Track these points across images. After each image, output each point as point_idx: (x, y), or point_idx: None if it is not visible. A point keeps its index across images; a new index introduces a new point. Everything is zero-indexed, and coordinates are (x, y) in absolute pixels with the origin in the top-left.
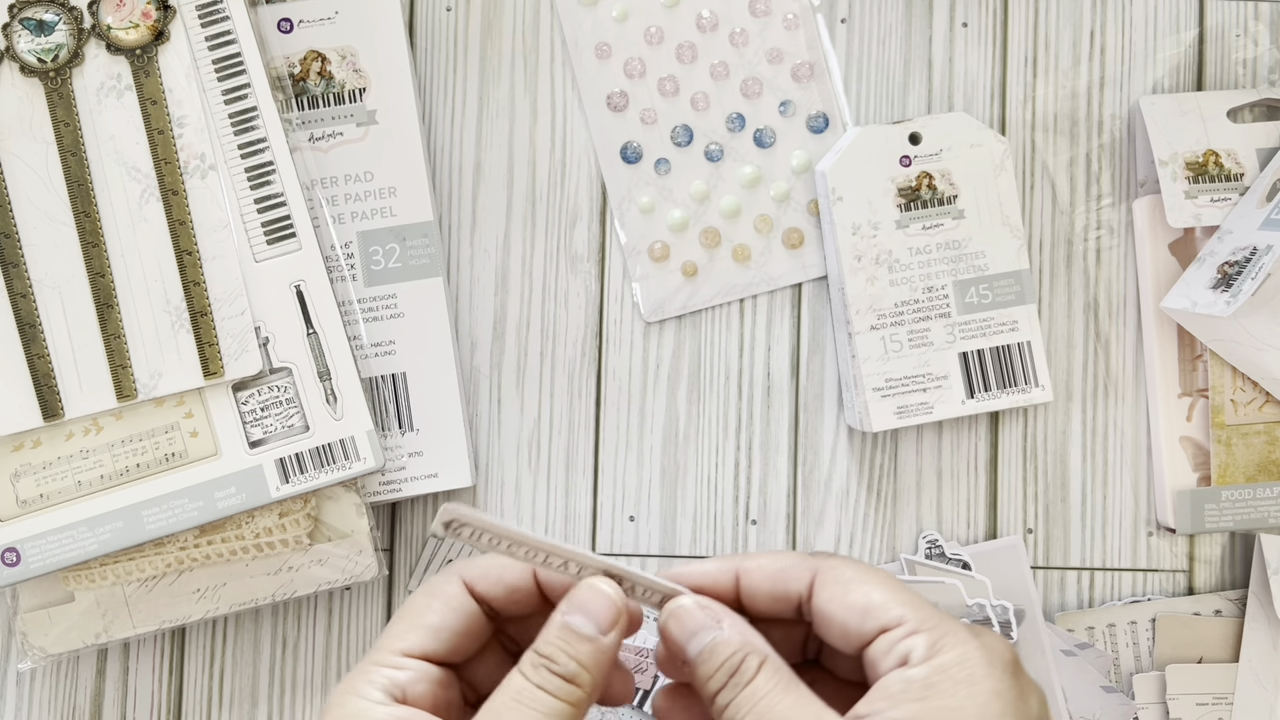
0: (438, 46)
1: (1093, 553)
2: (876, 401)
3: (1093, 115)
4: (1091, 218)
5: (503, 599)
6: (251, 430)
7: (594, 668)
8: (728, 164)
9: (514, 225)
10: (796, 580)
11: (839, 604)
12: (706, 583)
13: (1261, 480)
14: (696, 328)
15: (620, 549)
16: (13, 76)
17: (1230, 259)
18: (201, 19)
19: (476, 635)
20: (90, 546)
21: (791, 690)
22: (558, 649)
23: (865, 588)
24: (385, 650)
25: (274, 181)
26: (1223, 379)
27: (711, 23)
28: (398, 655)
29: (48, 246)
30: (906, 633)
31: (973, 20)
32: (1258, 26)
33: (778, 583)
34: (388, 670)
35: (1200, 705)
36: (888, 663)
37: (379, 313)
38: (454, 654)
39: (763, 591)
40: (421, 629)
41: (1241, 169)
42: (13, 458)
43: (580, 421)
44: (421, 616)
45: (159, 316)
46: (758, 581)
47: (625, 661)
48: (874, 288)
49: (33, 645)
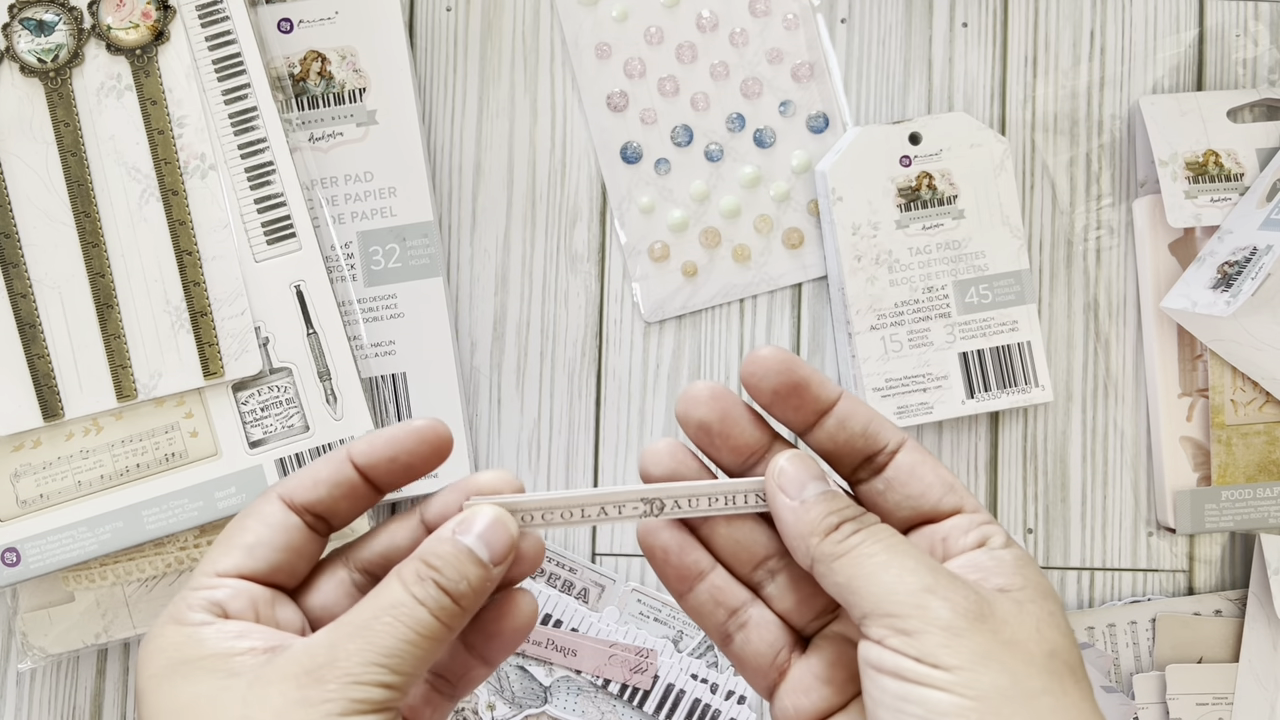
0: (438, 46)
1: (1093, 553)
2: (876, 401)
3: (1093, 115)
4: (1091, 218)
5: (326, 499)
6: (251, 430)
7: (478, 595)
8: (728, 164)
9: (514, 225)
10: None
11: (928, 470)
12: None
13: (1261, 480)
14: (696, 328)
15: (620, 549)
16: (13, 76)
17: (1230, 259)
18: (201, 19)
19: (303, 552)
20: (90, 546)
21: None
22: (449, 563)
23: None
24: (200, 574)
25: (274, 181)
26: (1223, 379)
27: (711, 23)
28: (212, 577)
29: (48, 246)
30: (983, 520)
31: (973, 20)
32: (1258, 26)
33: (874, 424)
34: (204, 592)
35: (1200, 705)
36: (966, 540)
37: (379, 313)
38: (276, 573)
39: (857, 423)
40: (235, 548)
41: (1241, 169)
42: (13, 458)
43: (580, 421)
44: (235, 537)
45: (159, 316)
46: (857, 413)
47: (625, 661)
48: (874, 288)
49: (33, 645)
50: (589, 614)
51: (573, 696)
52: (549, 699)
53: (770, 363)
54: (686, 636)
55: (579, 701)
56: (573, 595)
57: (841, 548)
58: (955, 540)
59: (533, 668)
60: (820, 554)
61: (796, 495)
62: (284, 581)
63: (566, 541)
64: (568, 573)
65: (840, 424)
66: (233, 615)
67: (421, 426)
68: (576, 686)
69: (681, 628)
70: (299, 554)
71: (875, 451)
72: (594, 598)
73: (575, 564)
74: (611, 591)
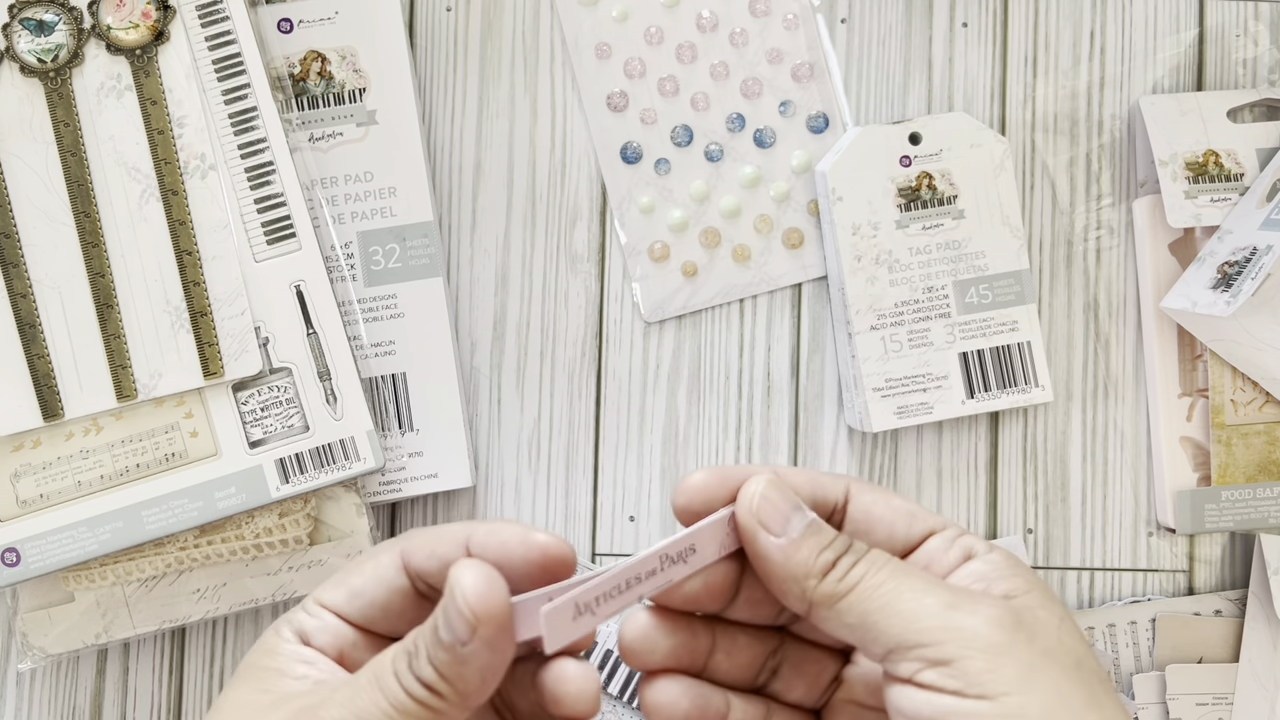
0: (438, 46)
1: (1093, 553)
2: (876, 401)
3: (1093, 115)
4: (1091, 218)
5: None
6: (251, 430)
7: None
8: (728, 164)
9: (514, 225)
10: (833, 488)
11: (884, 507)
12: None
13: (1261, 480)
14: (696, 328)
15: (620, 549)
16: (13, 76)
17: (1230, 259)
18: (201, 19)
19: (401, 611)
20: (90, 546)
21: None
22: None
23: (899, 499)
24: (311, 598)
25: (274, 181)
26: (1223, 379)
27: (711, 23)
28: (315, 604)
29: (48, 246)
30: (957, 534)
31: (973, 20)
32: (1258, 26)
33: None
34: (302, 615)
35: (1200, 705)
36: (950, 558)
37: (379, 313)
38: (371, 622)
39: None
40: (344, 586)
41: (1241, 169)
42: (13, 458)
43: (580, 421)
44: (350, 576)
45: (159, 316)
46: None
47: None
48: (874, 288)
49: (33, 645)
50: None
51: None
52: None
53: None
54: None
55: None
56: None
57: (843, 585)
58: (939, 561)
59: None
60: (821, 597)
61: (782, 531)
62: (381, 631)
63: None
64: None
65: None
66: (314, 645)
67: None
68: None
69: None
70: (399, 613)
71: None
72: None
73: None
74: None
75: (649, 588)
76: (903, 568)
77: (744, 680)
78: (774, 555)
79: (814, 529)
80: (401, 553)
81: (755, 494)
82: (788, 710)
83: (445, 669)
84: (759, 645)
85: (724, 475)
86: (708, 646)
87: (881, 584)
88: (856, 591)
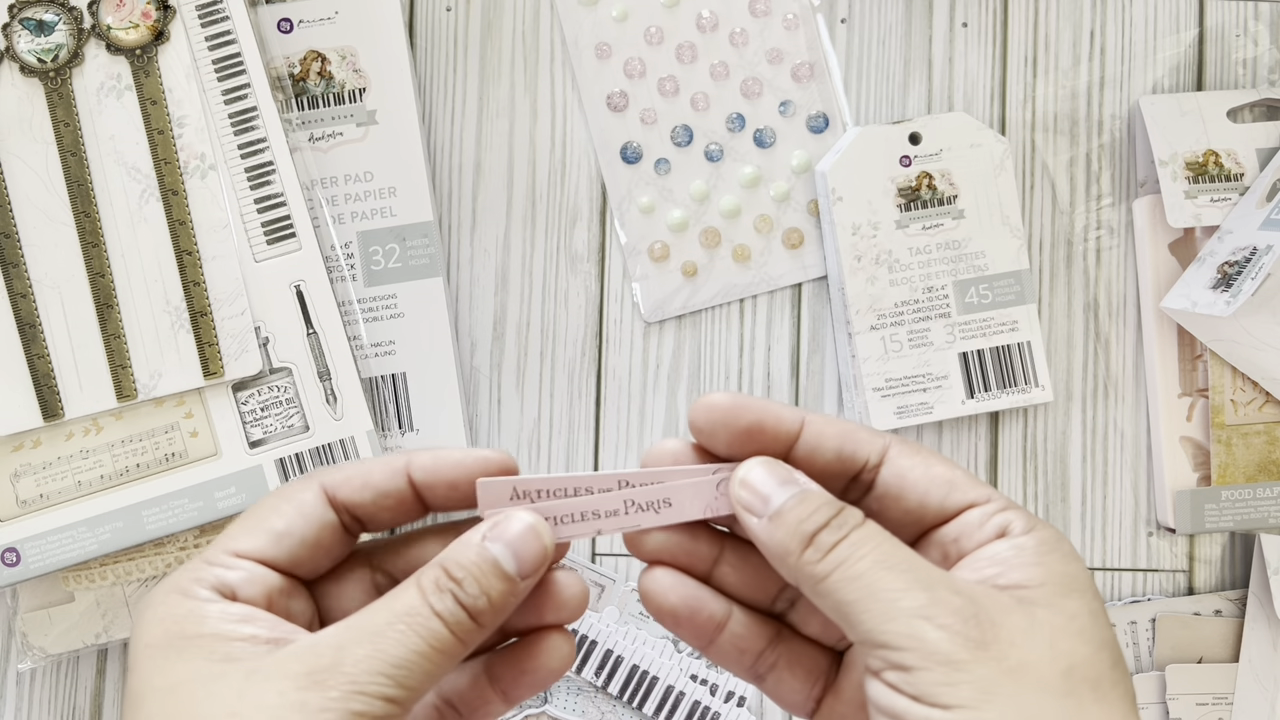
0: (438, 46)
1: (1093, 553)
2: (876, 401)
3: (1093, 115)
4: (1091, 218)
5: (370, 504)
6: (251, 430)
7: (501, 611)
8: (728, 164)
9: (514, 225)
10: (868, 445)
11: (921, 473)
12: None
13: (1261, 480)
14: (696, 328)
15: (620, 549)
16: (13, 76)
17: (1230, 259)
18: (201, 19)
19: (329, 549)
20: (90, 546)
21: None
22: (472, 575)
23: (943, 466)
24: (218, 550)
25: (274, 181)
26: (1223, 379)
27: (711, 23)
28: (230, 555)
29: (48, 246)
30: (998, 509)
31: (973, 20)
32: (1258, 26)
33: (847, 442)
34: (217, 569)
35: (1200, 705)
36: (983, 534)
37: (379, 313)
38: (298, 565)
39: (828, 448)
40: (262, 531)
41: (1241, 169)
42: (13, 458)
43: (580, 421)
44: (265, 519)
45: (159, 316)
46: (826, 436)
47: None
48: (874, 288)
49: (33, 645)
50: (589, 614)
51: (573, 696)
52: (549, 699)
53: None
54: None
55: (579, 701)
56: None
57: (823, 566)
58: (969, 537)
59: None
60: (803, 575)
61: (764, 511)
62: (304, 574)
63: None
64: None
65: (810, 453)
66: (241, 599)
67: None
68: (576, 686)
69: None
70: (326, 551)
71: (856, 471)
72: (594, 598)
73: (575, 564)
74: (611, 591)
75: (610, 525)
76: (889, 554)
77: (755, 599)
78: (758, 534)
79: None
80: (323, 486)
81: (739, 479)
82: (803, 642)
83: (499, 599)
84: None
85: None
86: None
87: (861, 575)
88: (834, 578)
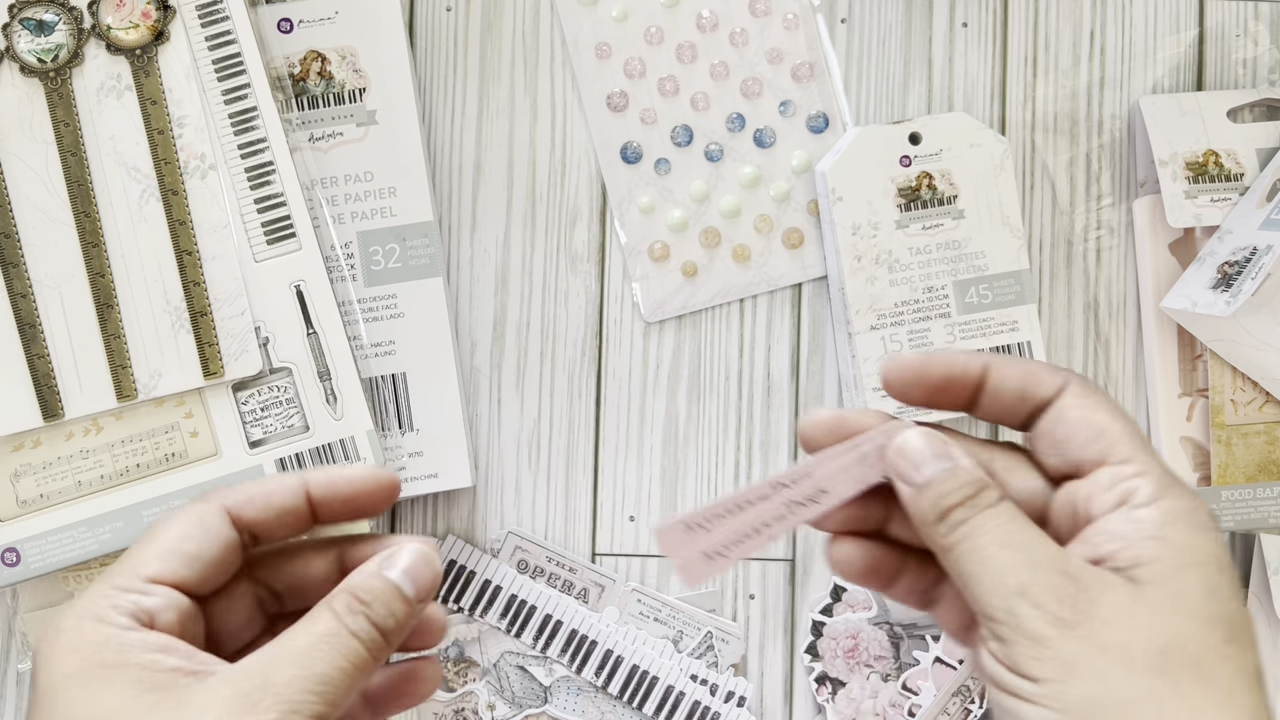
0: (438, 46)
1: None
2: (876, 402)
3: (1093, 115)
4: (1091, 218)
5: (272, 522)
6: (251, 430)
7: (404, 630)
8: (728, 164)
9: (514, 225)
10: (1048, 385)
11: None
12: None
13: (1261, 480)
14: (696, 328)
15: (620, 549)
16: (13, 76)
17: (1230, 259)
18: (201, 19)
19: (228, 568)
20: (90, 546)
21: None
22: (380, 599)
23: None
24: (130, 574)
25: (274, 181)
26: (1223, 379)
27: (711, 23)
28: (144, 580)
29: (48, 246)
30: (1133, 472)
31: (973, 20)
32: (1258, 26)
33: (1029, 382)
34: (134, 595)
35: None
36: (1105, 501)
37: (379, 313)
38: (204, 585)
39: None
40: (176, 555)
41: (1241, 169)
42: (13, 458)
43: (580, 421)
44: (177, 542)
45: (159, 316)
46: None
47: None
48: (874, 288)
49: (33, 645)
50: (589, 614)
51: (573, 696)
52: (549, 699)
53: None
54: (686, 636)
55: (579, 701)
56: (573, 595)
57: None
58: (1097, 500)
59: (532, 667)
60: (934, 543)
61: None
62: (205, 593)
63: (566, 542)
64: (568, 573)
65: (994, 396)
66: (159, 626)
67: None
68: (576, 686)
69: (681, 628)
70: (226, 570)
71: (1039, 406)
72: (594, 598)
73: (575, 564)
74: (611, 591)
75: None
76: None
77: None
78: (906, 499)
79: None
80: (227, 509)
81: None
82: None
83: (403, 620)
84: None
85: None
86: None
87: (979, 550)
88: (957, 551)
